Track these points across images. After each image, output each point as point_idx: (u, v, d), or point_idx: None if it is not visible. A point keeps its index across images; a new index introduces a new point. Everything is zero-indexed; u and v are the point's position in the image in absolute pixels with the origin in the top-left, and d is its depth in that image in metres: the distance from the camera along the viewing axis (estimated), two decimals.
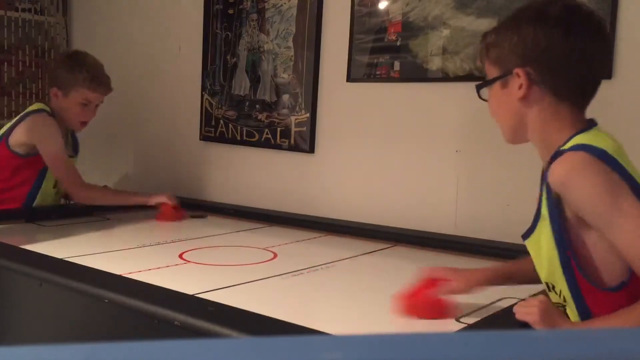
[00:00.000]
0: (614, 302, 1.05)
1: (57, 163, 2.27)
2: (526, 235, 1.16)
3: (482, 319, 1.24)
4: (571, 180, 1.04)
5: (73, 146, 2.50)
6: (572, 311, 1.12)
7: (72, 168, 2.33)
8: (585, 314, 1.09)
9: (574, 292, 1.09)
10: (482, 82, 1.22)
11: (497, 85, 1.18)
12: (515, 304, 1.18)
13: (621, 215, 1.00)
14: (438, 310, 1.29)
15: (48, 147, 2.25)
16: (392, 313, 1.29)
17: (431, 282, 1.31)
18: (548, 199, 1.10)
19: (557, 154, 1.08)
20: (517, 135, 1.21)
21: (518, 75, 1.13)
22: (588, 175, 1.03)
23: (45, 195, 2.34)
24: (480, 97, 1.23)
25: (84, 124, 2.39)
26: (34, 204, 2.30)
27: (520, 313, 1.12)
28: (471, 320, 1.26)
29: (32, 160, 2.27)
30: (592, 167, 1.04)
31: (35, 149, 2.26)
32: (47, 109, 2.32)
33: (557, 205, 1.09)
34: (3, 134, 2.29)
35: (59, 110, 2.33)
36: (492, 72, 1.20)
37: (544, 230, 1.11)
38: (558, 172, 1.06)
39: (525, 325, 1.11)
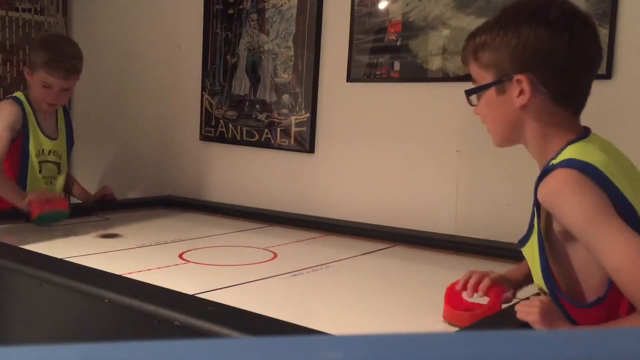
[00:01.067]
0: (592, 317, 1.05)
1: None
2: (522, 242, 1.17)
3: (482, 319, 1.24)
4: (559, 198, 1.03)
5: (67, 131, 2.48)
6: None
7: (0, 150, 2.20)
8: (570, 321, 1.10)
9: (557, 303, 1.10)
10: (476, 87, 1.16)
11: (492, 90, 1.13)
12: (517, 303, 1.18)
13: (605, 236, 0.99)
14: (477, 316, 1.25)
15: None
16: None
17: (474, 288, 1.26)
18: (537, 212, 1.10)
19: (548, 168, 1.07)
20: (509, 141, 1.19)
21: (519, 82, 1.09)
22: (575, 195, 1.02)
23: (34, 181, 2.32)
24: (470, 103, 1.18)
25: (50, 105, 2.33)
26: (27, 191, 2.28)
27: (521, 312, 1.12)
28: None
29: (10, 147, 2.25)
30: (579, 186, 1.02)
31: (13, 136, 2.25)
32: (21, 95, 2.33)
33: (545, 219, 1.09)
34: None
35: (31, 90, 2.33)
36: (483, 76, 1.14)
37: (536, 240, 1.11)
38: (546, 190, 1.05)
39: (525, 325, 1.11)
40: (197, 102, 2.79)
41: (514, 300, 1.28)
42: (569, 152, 1.07)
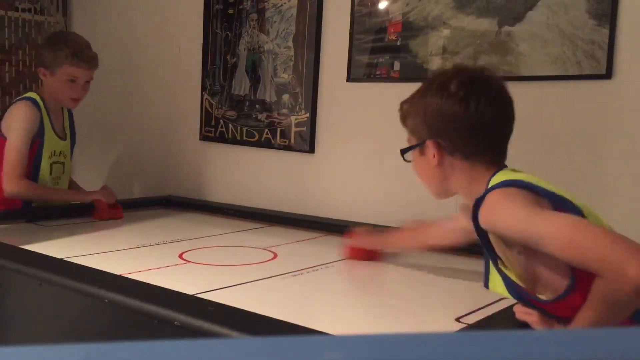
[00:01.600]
0: (574, 304, 1.09)
1: (10, 150, 2.22)
2: (485, 283, 1.31)
3: (482, 319, 1.24)
4: (495, 215, 1.15)
5: (70, 131, 2.48)
6: None
7: (18, 163, 2.22)
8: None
9: (539, 310, 1.14)
10: (404, 148, 1.37)
11: (416, 152, 1.33)
12: (516, 303, 1.18)
13: (542, 223, 1.08)
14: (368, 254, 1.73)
15: (12, 133, 2.24)
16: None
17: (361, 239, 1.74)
18: (487, 244, 1.20)
19: (477, 204, 1.19)
20: (442, 194, 1.37)
21: (428, 146, 1.28)
22: (506, 203, 1.14)
23: (43, 184, 2.33)
24: (404, 159, 1.37)
25: (75, 100, 2.35)
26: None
27: (520, 313, 1.14)
28: (471, 320, 1.26)
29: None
30: (507, 196, 1.14)
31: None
32: (36, 96, 2.31)
33: (497, 244, 1.19)
34: None
35: (49, 91, 2.32)
36: (410, 139, 1.34)
37: (495, 275, 1.24)
38: (483, 215, 1.17)
39: (525, 325, 1.11)
40: (197, 102, 2.80)
41: (515, 301, 1.28)
42: (493, 181, 1.23)
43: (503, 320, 1.21)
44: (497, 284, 1.23)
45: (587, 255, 1.00)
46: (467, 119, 1.23)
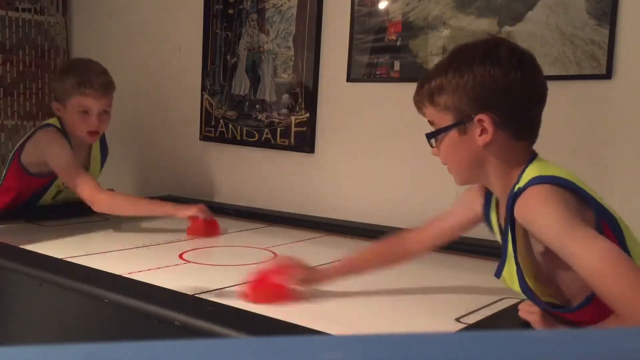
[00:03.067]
0: (586, 316, 1.06)
1: (69, 175, 2.10)
2: (498, 272, 1.19)
3: (482, 319, 1.24)
4: (533, 215, 1.05)
5: (101, 155, 2.40)
6: None
7: (86, 177, 2.11)
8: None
9: (550, 314, 1.12)
10: (437, 130, 1.17)
11: (454, 132, 1.14)
12: (519, 302, 1.19)
13: (577, 242, 1.00)
14: (279, 295, 1.35)
15: (57, 161, 2.11)
16: (240, 298, 1.32)
17: (277, 270, 1.38)
18: (513, 235, 1.11)
19: (518, 191, 1.08)
20: (472, 179, 1.22)
21: (480, 121, 1.11)
22: (549, 207, 1.04)
23: (44, 203, 2.31)
24: (430, 145, 1.20)
25: (93, 133, 2.19)
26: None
27: (523, 311, 1.13)
28: (471, 320, 1.26)
29: (42, 180, 2.22)
30: (550, 198, 1.04)
31: (45, 168, 2.16)
32: (57, 123, 2.20)
33: (523, 240, 1.11)
34: (16, 150, 2.22)
35: (67, 124, 2.20)
36: (441, 118, 1.16)
37: (511, 266, 1.14)
38: (520, 208, 1.07)
39: (525, 325, 1.11)
40: (197, 102, 2.79)
41: (515, 301, 1.28)
42: (531, 172, 1.10)
43: (503, 320, 1.21)
44: (512, 275, 1.16)
45: (611, 291, 0.97)
46: (523, 89, 1.11)
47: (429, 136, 1.19)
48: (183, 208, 2.09)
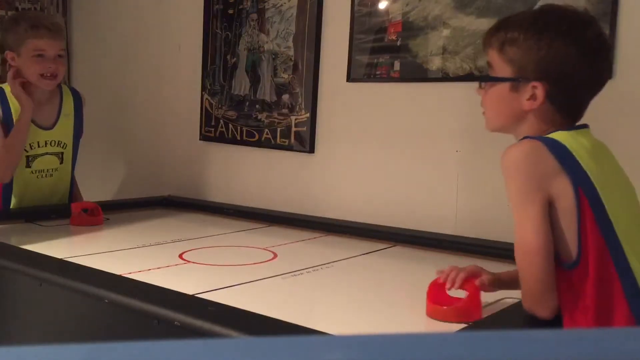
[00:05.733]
0: (566, 279, 1.10)
1: None
2: None
3: (482, 319, 1.24)
4: (505, 173, 1.12)
5: (75, 120, 2.36)
6: None
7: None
8: None
9: None
10: (493, 77, 1.18)
11: (506, 85, 1.15)
12: (519, 302, 1.19)
13: (518, 222, 1.10)
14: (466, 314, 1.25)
15: None
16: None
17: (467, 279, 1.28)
18: None
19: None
20: (502, 130, 1.23)
21: (534, 87, 1.12)
22: (515, 173, 1.11)
23: (23, 176, 2.25)
24: (480, 85, 1.22)
25: (49, 77, 2.16)
26: (17, 189, 2.25)
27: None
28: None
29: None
30: (523, 164, 1.09)
31: None
32: (6, 88, 2.19)
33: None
34: None
35: (22, 74, 2.17)
36: (501, 67, 1.16)
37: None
38: (502, 160, 1.13)
39: (525, 325, 1.11)
40: (197, 102, 2.79)
41: (515, 301, 1.28)
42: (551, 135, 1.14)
43: (504, 319, 1.21)
44: None
45: (521, 272, 1.10)
46: (588, 77, 1.13)
47: (483, 79, 1.22)
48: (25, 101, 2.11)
